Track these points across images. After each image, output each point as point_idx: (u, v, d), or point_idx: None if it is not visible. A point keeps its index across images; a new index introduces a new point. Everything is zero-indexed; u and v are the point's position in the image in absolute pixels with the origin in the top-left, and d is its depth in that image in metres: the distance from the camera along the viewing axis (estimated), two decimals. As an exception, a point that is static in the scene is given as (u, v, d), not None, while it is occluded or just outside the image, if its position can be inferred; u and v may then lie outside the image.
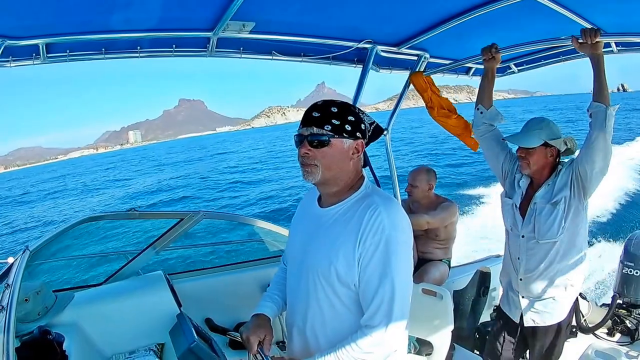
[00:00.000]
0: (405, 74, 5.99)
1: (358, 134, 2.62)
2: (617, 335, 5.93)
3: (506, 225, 4.58)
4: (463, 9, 4.53)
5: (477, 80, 5.48)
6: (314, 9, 4.37)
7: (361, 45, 5.20)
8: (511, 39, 4.93)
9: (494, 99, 4.57)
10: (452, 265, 6.43)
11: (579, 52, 5.66)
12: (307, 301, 2.77)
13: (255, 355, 2.87)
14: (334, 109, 2.57)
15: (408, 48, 5.49)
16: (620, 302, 6.01)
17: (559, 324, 4.35)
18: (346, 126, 2.57)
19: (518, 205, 4.42)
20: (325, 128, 2.54)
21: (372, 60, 5.43)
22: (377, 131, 2.78)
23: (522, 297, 4.44)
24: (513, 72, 6.58)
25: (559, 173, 4.20)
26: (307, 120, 2.60)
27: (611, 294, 6.11)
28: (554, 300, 4.32)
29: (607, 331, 5.96)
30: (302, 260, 2.81)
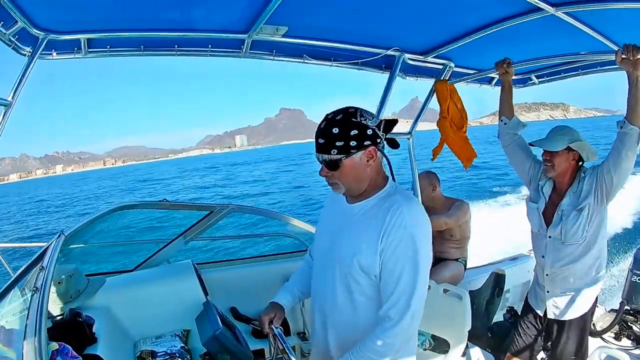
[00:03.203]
0: (430, 81, 5.93)
1: (366, 143, 2.60)
2: (624, 340, 5.90)
3: (533, 227, 4.61)
4: (487, 22, 4.49)
5: (499, 89, 5.43)
6: (345, 16, 4.33)
7: (389, 52, 5.14)
8: (533, 52, 4.94)
9: (583, 116, 4.50)
10: (469, 266, 6.39)
11: (597, 68, 5.61)
12: (330, 288, 2.84)
13: (272, 336, 2.97)
14: (336, 130, 2.56)
15: (434, 57, 5.45)
16: (628, 308, 5.97)
17: (580, 319, 4.39)
18: (351, 143, 2.56)
19: (542, 210, 4.45)
20: (332, 152, 2.58)
21: (399, 68, 5.38)
22: (390, 124, 2.73)
23: (547, 291, 4.49)
24: (534, 84, 6.53)
25: (582, 180, 4.22)
26: (317, 147, 2.65)
27: (619, 300, 6.05)
28: (575, 295, 4.36)
29: (614, 335, 5.93)
30: (328, 251, 2.87)
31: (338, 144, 2.55)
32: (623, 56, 3.72)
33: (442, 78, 5.80)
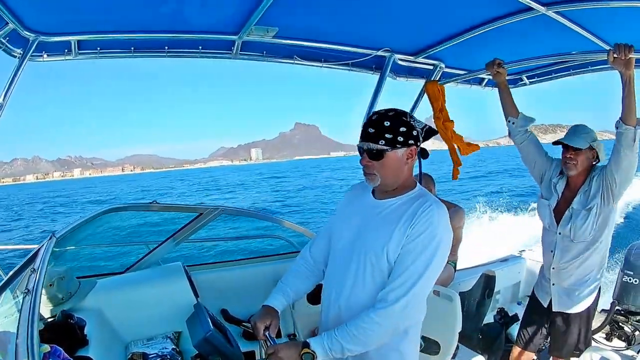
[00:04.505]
0: (421, 82, 5.94)
1: (411, 142, 2.74)
2: (615, 340, 5.93)
3: (543, 222, 4.70)
4: (478, 22, 4.54)
5: (489, 90, 5.46)
6: (335, 17, 4.37)
7: (379, 53, 5.19)
8: (524, 52, 4.94)
9: (599, 138, 4.53)
10: (460, 268, 6.39)
11: (587, 67, 5.63)
12: (353, 279, 2.88)
13: (264, 341, 2.96)
14: (387, 123, 2.69)
15: (424, 58, 5.49)
16: (619, 308, 6.00)
17: (583, 314, 4.50)
18: (398, 137, 2.69)
19: (554, 207, 4.55)
20: (380, 143, 2.69)
21: (389, 68, 5.42)
22: (430, 132, 2.89)
23: (553, 284, 4.59)
24: (525, 84, 6.56)
25: (591, 179, 4.32)
26: (364, 135, 2.77)
27: (610, 300, 6.07)
28: (579, 290, 4.47)
29: (605, 336, 5.96)
30: (354, 242, 2.93)
31: (387, 135, 2.68)
32: (615, 56, 3.76)
33: (432, 79, 5.83)
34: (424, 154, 2.92)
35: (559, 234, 4.44)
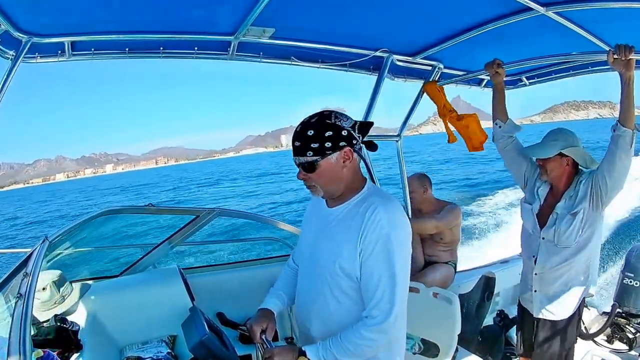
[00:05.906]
0: (419, 83, 5.95)
1: (342, 144, 2.67)
2: (616, 343, 5.91)
3: (527, 227, 4.66)
4: (477, 23, 4.52)
5: (488, 90, 5.44)
6: (333, 17, 4.35)
7: (377, 53, 5.16)
8: (523, 52, 4.93)
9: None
10: (460, 269, 6.37)
11: (588, 68, 5.62)
12: (315, 295, 2.89)
13: (261, 344, 2.98)
14: (311, 132, 2.64)
15: (423, 58, 5.47)
16: (620, 311, 5.98)
17: (565, 321, 4.44)
18: (326, 144, 2.63)
19: (537, 212, 4.51)
20: (308, 154, 2.65)
21: (387, 69, 5.40)
22: (365, 125, 2.80)
23: (535, 290, 4.55)
24: (524, 85, 6.58)
25: (578, 184, 4.27)
26: (293, 150, 2.72)
27: (611, 302, 6.07)
28: (561, 297, 4.41)
29: (606, 338, 5.95)
30: (311, 256, 2.96)
31: (313, 145, 2.62)
32: (615, 56, 3.75)
33: (431, 79, 5.82)
34: (370, 147, 2.87)
35: (543, 238, 4.41)
